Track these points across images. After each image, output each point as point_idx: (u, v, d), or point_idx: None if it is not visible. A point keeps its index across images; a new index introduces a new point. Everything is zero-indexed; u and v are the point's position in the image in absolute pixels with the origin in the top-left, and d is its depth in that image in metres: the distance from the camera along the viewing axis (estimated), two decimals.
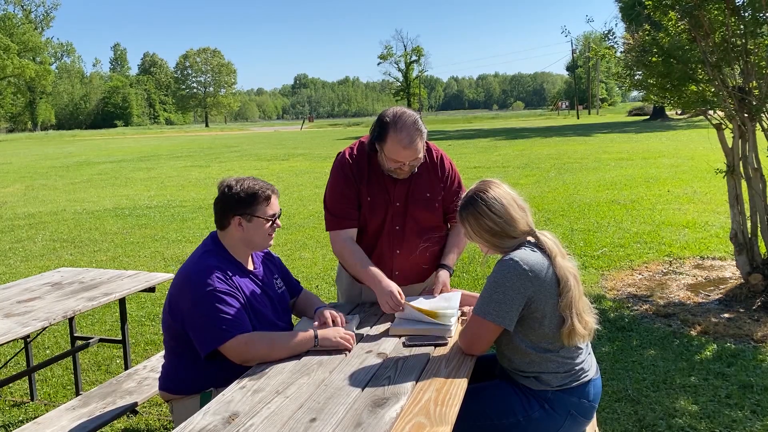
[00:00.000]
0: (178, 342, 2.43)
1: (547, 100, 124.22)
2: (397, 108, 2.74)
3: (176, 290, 2.40)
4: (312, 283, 6.19)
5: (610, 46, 6.09)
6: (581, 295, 2.26)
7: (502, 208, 2.27)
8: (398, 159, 2.69)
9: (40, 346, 4.88)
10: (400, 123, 2.65)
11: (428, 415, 1.86)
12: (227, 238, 2.50)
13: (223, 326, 2.26)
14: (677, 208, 9.05)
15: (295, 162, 20.80)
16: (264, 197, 2.48)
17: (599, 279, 5.88)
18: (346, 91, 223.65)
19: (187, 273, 2.39)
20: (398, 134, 2.64)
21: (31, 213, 11.66)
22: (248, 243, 2.51)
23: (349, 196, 2.84)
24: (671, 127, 31.36)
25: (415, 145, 2.66)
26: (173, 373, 2.49)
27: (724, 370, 3.85)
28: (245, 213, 2.45)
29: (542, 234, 2.30)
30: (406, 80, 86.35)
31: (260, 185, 2.49)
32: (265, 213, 2.48)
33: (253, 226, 2.47)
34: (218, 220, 2.51)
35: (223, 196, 2.48)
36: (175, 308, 2.38)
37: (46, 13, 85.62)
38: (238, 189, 2.45)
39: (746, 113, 4.76)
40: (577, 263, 2.32)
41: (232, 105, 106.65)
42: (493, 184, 2.33)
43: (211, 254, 2.45)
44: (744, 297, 4.97)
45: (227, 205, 2.47)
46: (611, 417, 3.36)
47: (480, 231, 2.30)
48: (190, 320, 2.31)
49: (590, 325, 2.26)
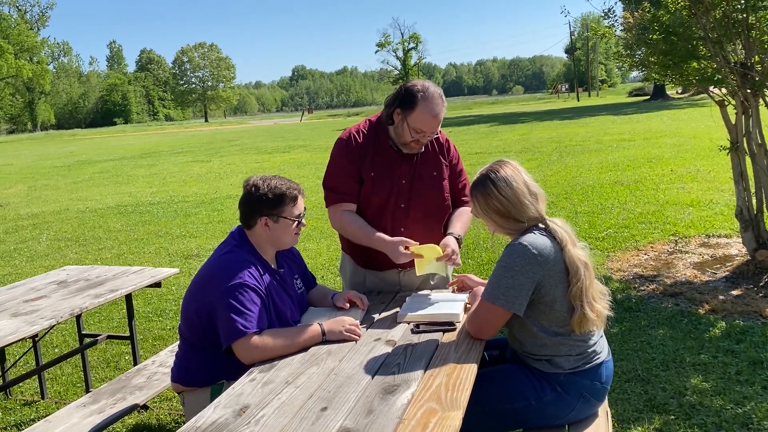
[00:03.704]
0: (197, 333, 2.42)
1: (547, 83, 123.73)
2: (422, 80, 2.82)
3: (205, 281, 2.38)
4: (317, 274, 6.19)
5: (609, 26, 6.03)
6: (593, 283, 2.23)
7: (511, 192, 2.24)
8: (424, 129, 2.73)
9: (49, 345, 4.89)
10: (428, 93, 2.72)
11: (439, 401, 1.86)
12: (254, 236, 2.48)
13: (245, 321, 2.24)
14: (681, 187, 9.01)
15: (296, 154, 20.77)
16: (291, 198, 2.47)
17: (605, 260, 5.86)
18: (345, 81, 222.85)
19: (220, 265, 2.37)
20: (428, 103, 2.70)
21: (35, 213, 11.67)
22: (275, 242, 2.50)
23: (350, 170, 2.85)
24: (672, 106, 31.19)
25: (440, 117, 2.74)
26: (187, 365, 2.48)
27: (734, 347, 3.84)
28: (272, 214, 2.44)
29: (553, 222, 2.27)
30: (405, 68, 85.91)
31: (287, 185, 2.47)
32: (291, 213, 2.47)
33: (280, 226, 2.46)
34: (244, 219, 2.49)
35: (249, 196, 2.46)
36: (201, 299, 2.36)
37: (42, 13, 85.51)
38: (266, 189, 2.43)
39: (749, 89, 4.72)
40: (588, 250, 2.30)
41: (231, 99, 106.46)
42: (507, 165, 2.31)
43: (241, 250, 2.43)
44: (751, 274, 4.95)
45: (254, 206, 2.44)
46: (622, 397, 3.36)
47: (487, 209, 2.29)
48: (218, 311, 2.29)
49: (603, 313, 2.24)
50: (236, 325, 2.23)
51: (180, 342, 2.55)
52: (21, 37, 73.50)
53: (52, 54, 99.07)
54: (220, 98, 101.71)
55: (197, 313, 2.38)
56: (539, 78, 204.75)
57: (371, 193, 2.85)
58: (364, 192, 2.85)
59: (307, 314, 2.62)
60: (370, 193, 2.85)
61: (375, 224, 2.85)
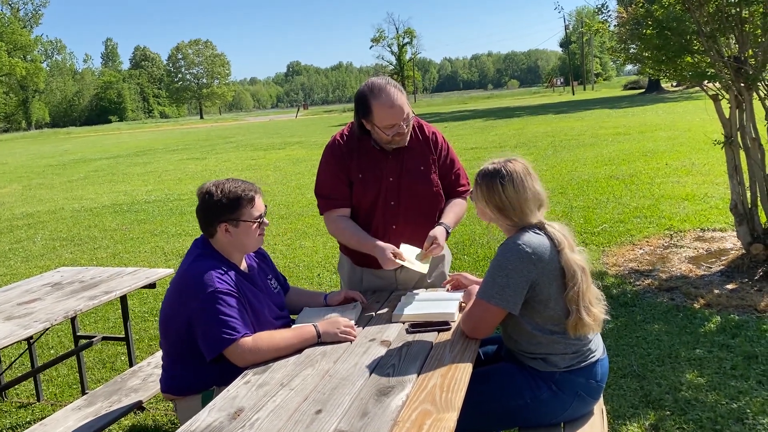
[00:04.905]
0: (177, 345, 2.39)
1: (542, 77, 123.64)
2: (367, 80, 2.80)
3: (176, 296, 2.36)
4: (313, 272, 6.18)
5: (603, 21, 6.02)
6: (590, 287, 2.23)
7: (515, 197, 2.24)
8: (392, 122, 2.71)
9: (44, 347, 4.88)
10: (376, 89, 2.70)
11: (434, 402, 1.85)
12: (217, 243, 2.44)
13: (228, 329, 2.22)
14: (676, 181, 9.02)
15: (292, 150, 20.72)
16: (248, 200, 2.41)
17: (600, 255, 5.87)
18: (340, 76, 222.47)
19: (188, 277, 2.33)
20: (380, 98, 2.68)
21: (30, 213, 11.63)
22: (239, 247, 2.46)
23: (340, 177, 2.85)
24: (667, 99, 31.24)
25: (400, 101, 2.70)
26: (173, 375, 2.46)
27: (729, 342, 3.85)
28: (231, 219, 2.39)
29: (551, 225, 2.27)
30: (400, 63, 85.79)
31: (242, 187, 2.42)
32: (251, 216, 2.42)
33: (241, 230, 2.41)
34: (204, 228, 2.44)
35: (204, 203, 2.40)
36: (178, 314, 2.33)
37: (35, 11, 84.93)
38: (220, 195, 2.37)
39: (743, 83, 4.72)
40: (586, 255, 2.29)
41: (226, 95, 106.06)
42: (521, 167, 2.29)
43: (207, 257, 2.39)
44: (746, 268, 4.97)
45: (211, 213, 2.39)
46: (617, 393, 3.37)
47: (487, 202, 2.30)
48: (197, 323, 2.26)
49: (599, 317, 2.24)
50: (221, 335, 2.21)
51: (163, 354, 2.51)
52: (14, 35, 73.08)
53: (45, 52, 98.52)
54: (215, 95, 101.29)
55: (176, 328, 2.35)
56: (534, 72, 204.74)
57: (361, 194, 2.85)
58: (355, 194, 2.86)
59: (302, 315, 2.62)
60: (360, 194, 2.85)
61: (367, 224, 2.86)
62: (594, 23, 6.54)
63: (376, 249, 2.72)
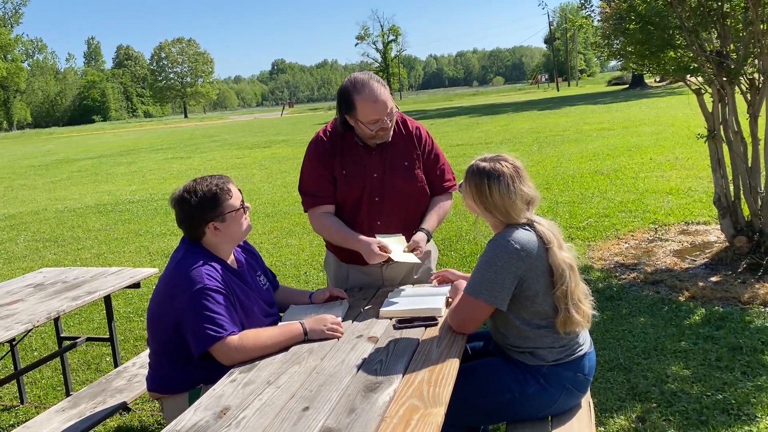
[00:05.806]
0: (165, 343, 2.37)
1: (527, 74, 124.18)
2: (350, 76, 2.78)
3: (164, 293, 2.34)
4: (300, 270, 6.16)
5: (587, 16, 6.04)
6: (578, 285, 2.24)
7: (501, 201, 2.23)
8: (375, 117, 2.69)
9: (28, 348, 4.81)
10: (359, 84, 2.68)
11: (421, 397, 1.85)
12: (207, 243, 2.43)
13: (215, 326, 2.20)
14: (660, 176, 9.09)
15: (277, 149, 20.65)
16: (225, 191, 2.40)
17: (586, 250, 5.89)
18: (325, 74, 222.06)
19: (176, 274, 2.31)
20: (363, 93, 2.67)
21: (12, 214, 11.49)
22: (231, 239, 2.46)
23: (323, 174, 2.84)
24: (651, 94, 31.46)
25: (383, 96, 2.69)
26: (160, 374, 2.44)
27: (713, 334, 3.88)
28: (216, 216, 2.38)
29: (540, 224, 2.26)
30: (385, 60, 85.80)
31: (214, 182, 2.41)
32: (233, 206, 2.42)
33: (229, 223, 2.41)
34: (191, 233, 2.42)
35: (183, 212, 2.39)
36: (166, 312, 2.31)
37: (15, 10, 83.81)
38: (197, 198, 2.36)
39: (725, 77, 4.76)
40: (575, 252, 2.29)
41: (211, 94, 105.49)
42: (510, 168, 2.27)
43: (195, 254, 2.38)
44: (729, 260, 5.01)
45: (195, 218, 2.38)
46: (604, 386, 3.38)
47: (474, 199, 2.30)
48: (185, 320, 2.25)
49: (588, 314, 2.25)
50: (207, 331, 2.19)
51: (150, 352, 2.49)
52: None
53: (26, 51, 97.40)
54: (199, 93, 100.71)
55: (164, 326, 2.33)
56: (519, 69, 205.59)
57: (345, 190, 2.84)
58: (339, 191, 2.85)
59: (289, 313, 2.61)
60: (345, 191, 2.84)
61: (352, 220, 2.84)
62: (578, 19, 6.56)
63: (361, 244, 2.71)
